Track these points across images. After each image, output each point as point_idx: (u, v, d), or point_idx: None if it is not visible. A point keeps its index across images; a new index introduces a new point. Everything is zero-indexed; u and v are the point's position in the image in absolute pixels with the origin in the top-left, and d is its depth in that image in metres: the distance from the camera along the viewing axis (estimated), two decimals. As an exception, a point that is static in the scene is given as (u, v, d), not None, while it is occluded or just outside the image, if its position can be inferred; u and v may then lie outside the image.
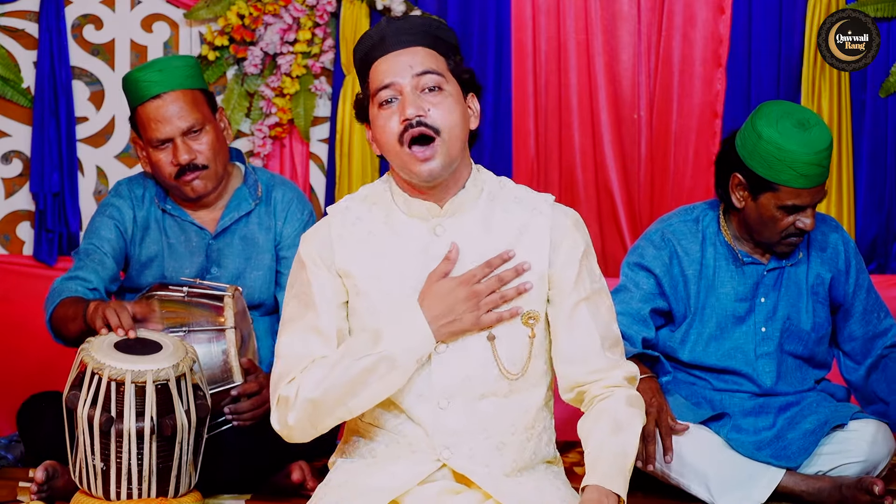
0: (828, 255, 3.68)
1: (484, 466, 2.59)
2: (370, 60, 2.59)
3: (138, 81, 3.66)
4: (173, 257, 3.73)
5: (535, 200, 2.65)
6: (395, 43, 2.57)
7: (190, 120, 3.65)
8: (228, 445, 3.47)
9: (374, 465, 2.62)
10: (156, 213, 3.77)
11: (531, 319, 2.60)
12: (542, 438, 2.67)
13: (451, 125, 2.55)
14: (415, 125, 2.52)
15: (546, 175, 4.78)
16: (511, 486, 2.59)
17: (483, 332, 2.58)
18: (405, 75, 2.55)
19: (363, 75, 2.62)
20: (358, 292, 2.60)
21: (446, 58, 2.60)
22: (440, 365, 2.57)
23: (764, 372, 3.62)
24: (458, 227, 2.60)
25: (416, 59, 2.56)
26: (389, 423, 2.61)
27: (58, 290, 3.58)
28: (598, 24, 4.73)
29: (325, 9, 4.69)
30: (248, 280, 3.75)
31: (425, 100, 2.54)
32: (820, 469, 3.55)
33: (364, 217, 2.64)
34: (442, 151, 2.54)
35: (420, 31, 2.58)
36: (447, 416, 2.57)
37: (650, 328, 3.63)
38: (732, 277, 3.64)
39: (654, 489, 3.61)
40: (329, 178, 4.77)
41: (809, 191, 3.49)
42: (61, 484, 3.38)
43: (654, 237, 3.69)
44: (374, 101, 2.58)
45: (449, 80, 2.58)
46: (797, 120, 3.48)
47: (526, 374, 2.60)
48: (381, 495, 2.56)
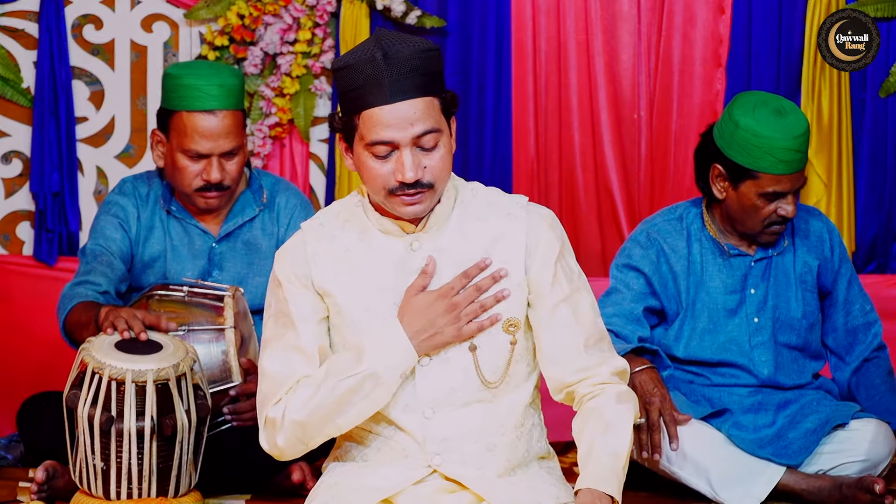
0: (812, 242, 3.71)
1: (476, 469, 2.59)
2: (364, 103, 2.50)
3: (192, 88, 3.60)
4: (176, 259, 3.73)
5: (508, 204, 2.63)
6: (393, 92, 2.48)
7: (233, 143, 3.62)
8: (228, 445, 3.47)
9: (365, 467, 2.62)
10: (160, 214, 3.75)
11: (512, 327, 2.59)
12: (533, 435, 2.66)
13: (444, 177, 2.54)
14: (410, 185, 2.50)
15: (546, 175, 4.78)
16: (504, 486, 2.58)
17: (465, 343, 2.58)
18: (404, 133, 2.48)
19: (349, 107, 2.52)
20: (339, 311, 2.59)
21: (439, 97, 2.53)
22: (424, 378, 2.57)
23: (760, 362, 3.63)
24: (434, 239, 2.59)
25: (416, 115, 2.48)
26: (381, 430, 2.62)
27: (69, 295, 3.54)
28: (598, 24, 4.73)
29: (325, 9, 4.69)
30: (249, 285, 3.75)
31: (422, 156, 2.50)
32: (821, 468, 3.55)
33: (338, 234, 2.61)
34: (429, 199, 2.53)
35: (417, 74, 2.49)
36: (434, 424, 2.58)
37: (645, 327, 3.64)
38: (720, 271, 3.65)
39: (657, 485, 3.61)
40: (329, 178, 4.77)
41: (789, 177, 3.51)
42: (61, 484, 3.38)
43: (640, 237, 3.71)
44: (364, 143, 2.52)
45: (443, 128, 2.53)
46: (773, 108, 3.51)
47: (506, 379, 2.60)
48: (372, 494, 2.56)
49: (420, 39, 2.54)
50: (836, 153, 4.65)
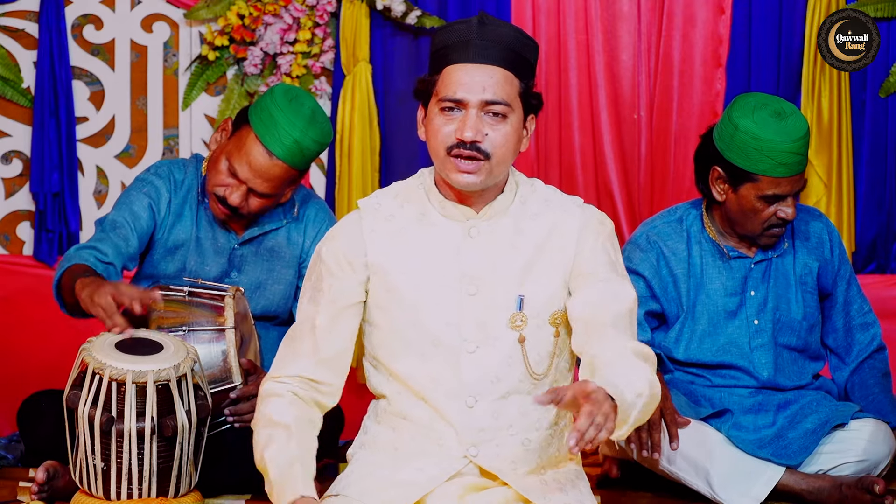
0: (812, 244, 3.71)
1: (510, 463, 2.62)
2: (448, 59, 2.58)
3: (276, 125, 3.54)
4: (198, 252, 3.72)
5: (564, 202, 2.70)
6: (477, 55, 2.55)
7: (268, 189, 3.59)
8: (228, 445, 3.47)
9: (398, 458, 2.64)
10: (191, 203, 3.73)
11: (558, 319, 2.64)
12: (564, 436, 2.68)
13: (503, 153, 2.59)
14: (468, 146, 2.54)
15: (546, 175, 4.78)
16: (535, 483, 2.61)
17: (514, 332, 2.60)
18: (475, 95, 2.55)
19: (435, 65, 2.60)
20: (389, 288, 2.63)
21: (521, 80, 2.60)
22: (470, 364, 2.60)
23: (760, 363, 3.63)
24: (492, 230, 2.64)
25: (491, 82, 2.55)
26: (418, 417, 2.63)
27: (69, 256, 3.51)
28: (598, 24, 4.73)
29: (325, 9, 4.69)
30: (267, 291, 3.74)
31: (486, 123, 2.56)
32: (820, 468, 3.55)
33: (396, 214, 2.66)
34: (485, 171, 2.57)
35: (505, 48, 2.57)
36: (475, 414, 2.60)
37: (646, 331, 3.65)
38: (720, 273, 3.66)
39: (657, 486, 3.61)
40: (329, 178, 4.77)
41: (789, 179, 3.51)
42: (62, 484, 3.38)
43: (640, 240, 3.71)
44: (437, 98, 2.58)
45: (514, 109, 2.59)
46: (773, 110, 3.51)
47: (549, 372, 2.62)
48: (410, 490, 2.58)
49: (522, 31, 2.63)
50: (836, 153, 4.65)
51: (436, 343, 2.62)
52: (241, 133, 3.61)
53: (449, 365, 2.61)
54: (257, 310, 3.74)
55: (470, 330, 2.61)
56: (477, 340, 2.61)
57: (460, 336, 2.62)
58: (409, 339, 2.63)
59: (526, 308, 2.61)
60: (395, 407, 2.66)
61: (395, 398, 2.67)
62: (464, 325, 2.61)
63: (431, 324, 2.62)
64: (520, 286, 2.62)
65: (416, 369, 2.63)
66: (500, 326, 2.62)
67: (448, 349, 2.61)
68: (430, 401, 2.61)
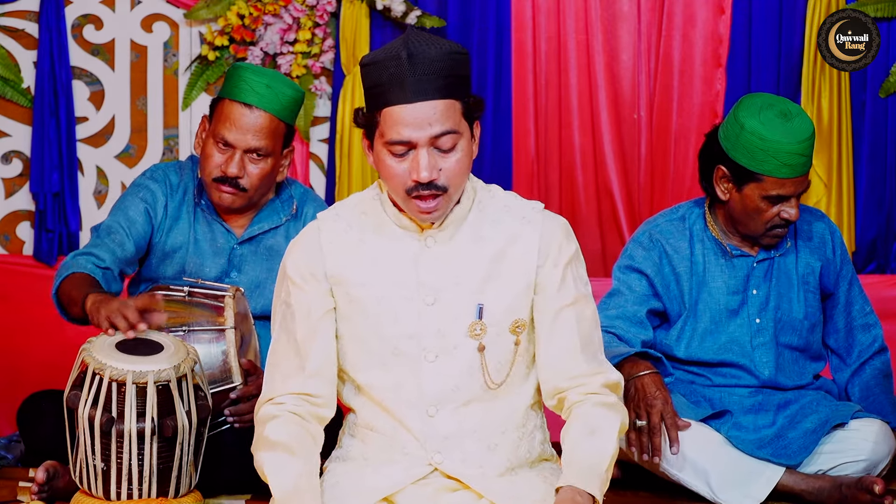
0: (815, 244, 3.71)
1: (478, 468, 2.61)
2: (385, 100, 2.53)
3: (243, 80, 3.61)
4: (197, 253, 3.72)
5: (524, 209, 2.66)
6: (416, 93, 2.50)
7: (260, 144, 3.60)
8: (228, 446, 3.47)
9: (366, 466, 2.65)
10: (188, 206, 3.73)
11: (518, 328, 2.62)
12: (535, 437, 2.68)
13: (460, 181, 2.56)
14: (426, 186, 2.52)
15: (546, 175, 4.78)
16: (503, 485, 2.61)
17: (473, 341, 2.59)
18: (422, 133, 2.51)
19: (372, 104, 2.56)
20: (350, 299, 2.62)
21: (462, 100, 2.55)
22: (430, 373, 2.60)
23: (761, 362, 3.63)
24: (449, 238, 2.62)
25: (435, 116, 2.51)
26: (382, 428, 2.64)
27: (67, 264, 3.51)
28: (598, 24, 4.73)
29: (325, 9, 4.69)
30: (267, 291, 3.74)
31: (438, 157, 2.53)
32: (820, 468, 3.55)
33: (354, 225, 2.65)
34: (445, 202, 2.56)
35: (440, 77, 2.51)
36: (436, 422, 2.60)
37: (648, 329, 3.64)
38: (723, 271, 3.66)
39: (657, 487, 3.61)
40: (329, 178, 4.77)
41: (793, 180, 3.51)
42: (62, 484, 3.38)
43: (643, 239, 3.71)
44: (383, 140, 2.55)
45: (462, 131, 2.55)
46: (779, 111, 3.51)
47: (508, 380, 2.62)
48: (374, 494, 2.58)
49: (450, 42, 2.56)
50: (836, 153, 4.65)
51: (396, 353, 2.61)
52: (217, 111, 3.65)
53: (410, 374, 2.60)
54: (257, 309, 3.74)
55: (429, 339, 2.60)
56: (436, 350, 2.60)
57: (420, 346, 2.60)
58: (371, 349, 2.63)
59: (485, 317, 2.60)
60: (362, 419, 2.67)
61: (361, 410, 2.68)
62: (423, 334, 2.60)
63: (391, 334, 2.61)
64: (479, 295, 2.61)
65: (378, 380, 2.63)
66: (460, 335, 2.60)
67: (409, 359, 2.61)
68: (392, 411, 2.61)
